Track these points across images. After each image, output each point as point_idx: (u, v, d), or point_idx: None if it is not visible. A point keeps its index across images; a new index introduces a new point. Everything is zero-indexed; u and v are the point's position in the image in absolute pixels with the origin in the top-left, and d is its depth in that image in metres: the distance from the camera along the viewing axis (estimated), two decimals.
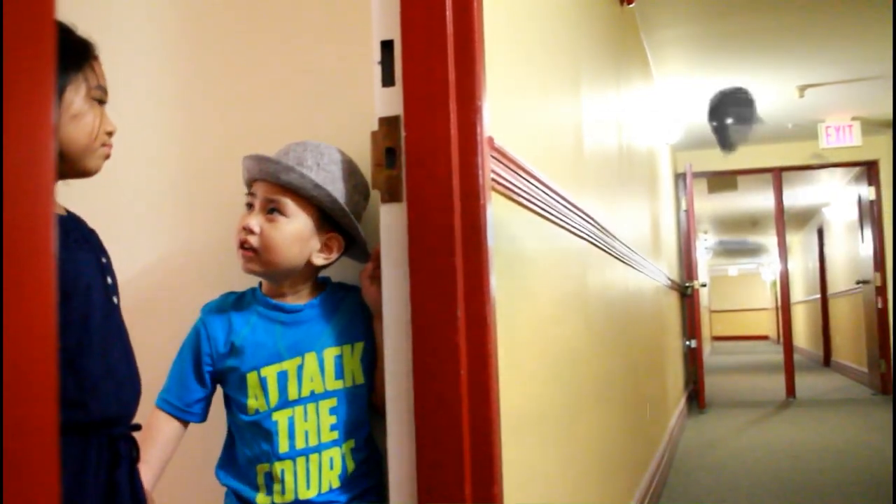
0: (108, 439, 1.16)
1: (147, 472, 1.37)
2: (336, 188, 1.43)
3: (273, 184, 1.42)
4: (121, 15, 1.83)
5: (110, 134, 1.23)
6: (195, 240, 1.74)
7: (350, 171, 1.47)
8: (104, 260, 1.24)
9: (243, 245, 1.43)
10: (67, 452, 1.10)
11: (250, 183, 1.47)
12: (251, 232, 1.42)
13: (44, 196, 0.46)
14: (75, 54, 1.18)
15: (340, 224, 1.46)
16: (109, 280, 1.23)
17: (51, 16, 0.47)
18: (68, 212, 1.24)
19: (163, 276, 1.74)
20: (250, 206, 1.45)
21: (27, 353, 0.46)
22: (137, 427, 1.25)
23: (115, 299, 1.23)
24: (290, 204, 1.42)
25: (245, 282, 1.53)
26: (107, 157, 1.23)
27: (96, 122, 1.19)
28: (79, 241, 1.20)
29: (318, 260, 1.46)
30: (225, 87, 1.75)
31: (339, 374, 1.45)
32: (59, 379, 1.12)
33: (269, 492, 1.43)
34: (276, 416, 1.42)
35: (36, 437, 0.47)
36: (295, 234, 1.43)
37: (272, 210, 1.43)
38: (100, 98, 1.21)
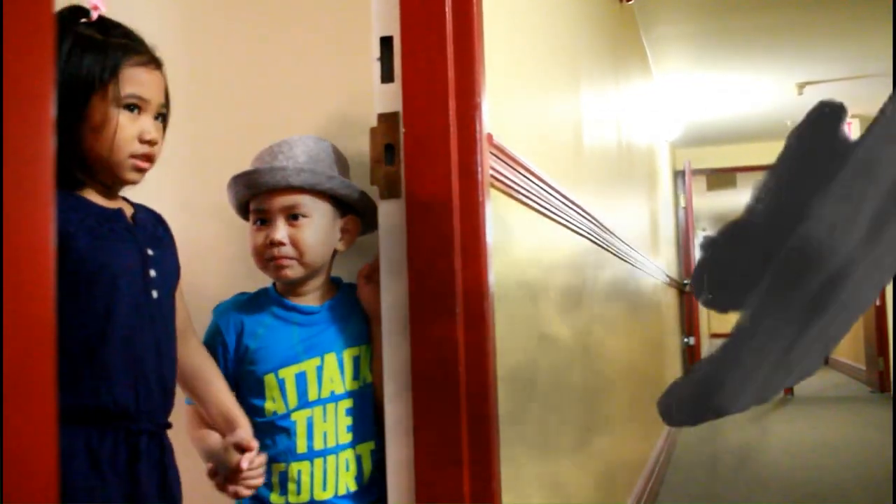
0: (125, 433, 1.14)
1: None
2: (337, 171, 1.43)
3: (283, 190, 1.40)
4: (120, 14, 1.82)
5: (149, 143, 1.17)
6: (195, 238, 1.74)
7: (333, 151, 1.46)
8: (150, 252, 1.21)
9: (274, 258, 1.40)
10: (78, 443, 1.09)
11: (248, 200, 1.44)
12: (281, 244, 1.39)
13: (43, 195, 0.46)
14: (103, 61, 1.14)
15: (351, 205, 1.45)
16: (153, 273, 1.20)
17: (50, 15, 0.47)
18: (130, 202, 1.24)
19: None
20: (263, 221, 1.42)
21: (26, 350, 0.46)
22: (167, 425, 1.22)
23: (154, 293, 1.20)
24: (308, 202, 1.41)
25: (249, 280, 1.53)
26: (138, 169, 1.18)
27: (121, 133, 1.15)
28: (117, 231, 1.17)
29: (341, 246, 1.46)
30: (223, 84, 1.75)
31: (357, 374, 1.44)
32: (76, 366, 1.10)
33: (284, 491, 1.41)
34: (294, 415, 1.40)
35: (34, 433, 0.47)
36: (322, 230, 1.42)
37: (294, 216, 1.41)
38: (131, 105, 1.16)
